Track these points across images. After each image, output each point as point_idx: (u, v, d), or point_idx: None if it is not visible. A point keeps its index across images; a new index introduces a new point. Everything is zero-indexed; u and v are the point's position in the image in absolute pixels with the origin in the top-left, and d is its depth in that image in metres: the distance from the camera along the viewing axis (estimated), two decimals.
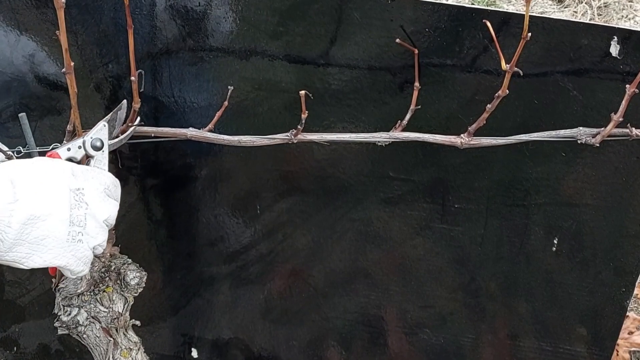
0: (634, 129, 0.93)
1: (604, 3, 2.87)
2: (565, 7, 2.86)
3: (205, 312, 1.41)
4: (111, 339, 1.12)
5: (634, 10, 2.84)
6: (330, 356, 1.46)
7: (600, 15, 2.82)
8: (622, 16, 2.82)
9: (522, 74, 0.92)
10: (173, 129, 1.06)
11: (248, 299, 1.39)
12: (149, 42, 1.10)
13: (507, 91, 0.90)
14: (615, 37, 0.96)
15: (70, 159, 0.90)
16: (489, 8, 0.99)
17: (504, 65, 0.88)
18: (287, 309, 1.40)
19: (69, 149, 0.89)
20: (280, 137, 1.01)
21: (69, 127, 1.01)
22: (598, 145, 0.93)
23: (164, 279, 1.36)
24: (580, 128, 0.93)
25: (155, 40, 1.10)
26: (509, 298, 1.33)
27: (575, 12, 2.84)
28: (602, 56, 0.98)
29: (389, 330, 1.41)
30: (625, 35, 0.96)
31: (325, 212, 1.26)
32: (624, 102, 0.89)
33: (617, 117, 0.90)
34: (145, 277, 1.12)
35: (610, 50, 0.97)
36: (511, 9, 2.82)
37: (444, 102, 1.09)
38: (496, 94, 0.92)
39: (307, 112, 0.95)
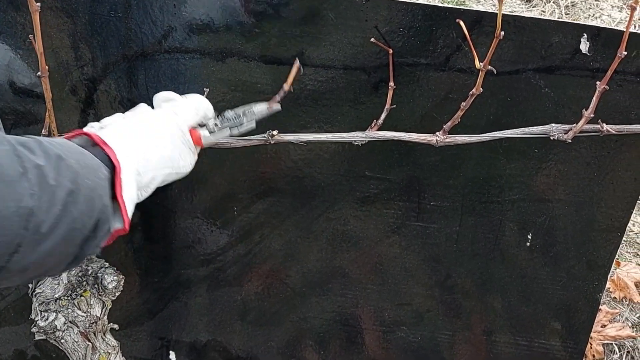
0: (605, 124, 0.95)
1: (571, 2, 2.91)
2: (533, 7, 2.90)
3: (182, 315, 1.41)
4: (89, 343, 1.11)
5: (600, 9, 2.89)
6: (308, 356, 1.46)
7: (568, 14, 2.87)
8: (589, 15, 2.87)
9: (495, 72, 0.93)
10: None
11: (225, 301, 1.39)
12: (125, 44, 1.10)
13: (481, 89, 0.92)
14: (585, 35, 0.98)
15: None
16: (461, 7, 1.01)
17: (477, 64, 0.89)
18: (265, 310, 1.40)
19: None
20: (257, 139, 1.01)
21: (44, 132, 1.00)
22: (570, 141, 0.94)
23: (142, 282, 1.35)
24: (553, 125, 0.95)
25: (130, 42, 1.09)
26: (485, 294, 1.35)
27: (544, 11, 2.88)
28: (572, 53, 1.00)
29: (366, 328, 1.41)
30: (595, 33, 0.98)
31: (302, 212, 1.27)
32: (594, 98, 0.90)
33: (588, 113, 0.92)
34: (123, 281, 1.11)
35: (580, 48, 0.99)
36: (480, 8, 2.85)
37: (418, 101, 1.10)
38: (470, 92, 0.93)
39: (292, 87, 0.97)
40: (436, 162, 1.19)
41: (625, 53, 0.85)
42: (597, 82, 0.89)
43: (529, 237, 1.25)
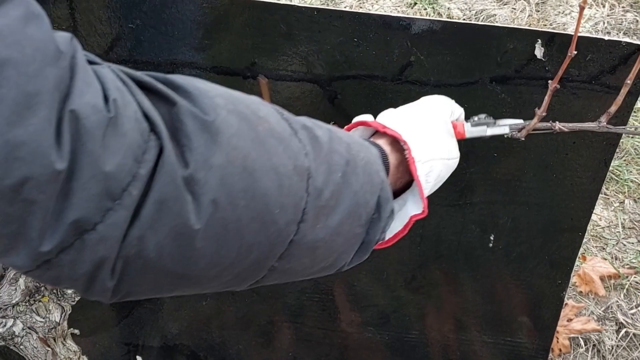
0: (557, 122, 0.96)
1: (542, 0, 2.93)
2: (504, 4, 2.91)
3: (149, 320, 1.40)
4: (49, 349, 1.10)
5: (570, 6, 2.92)
6: (277, 357, 1.47)
7: (538, 11, 2.89)
8: (559, 12, 2.89)
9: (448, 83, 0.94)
10: None
11: (191, 305, 1.39)
12: None
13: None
14: (539, 40, 0.99)
15: None
16: (415, 17, 1.01)
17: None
18: (232, 314, 1.40)
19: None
20: None
21: None
22: (524, 139, 0.95)
23: None
24: None
25: None
26: (450, 294, 1.36)
27: (514, 8, 2.89)
28: (527, 59, 1.01)
29: (333, 330, 1.42)
30: (549, 38, 0.99)
31: None
32: (546, 97, 0.91)
33: (540, 111, 0.93)
34: None
35: (535, 53, 1.00)
36: (452, 6, 2.86)
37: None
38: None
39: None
40: None
41: (576, 52, 0.86)
42: (549, 82, 0.90)
43: (492, 238, 1.26)
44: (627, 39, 1.01)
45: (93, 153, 0.43)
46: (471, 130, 0.91)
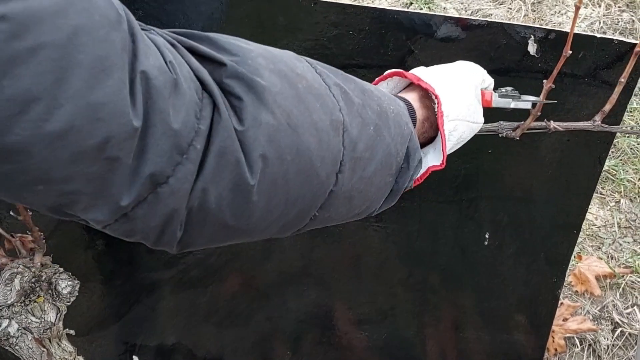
0: (552, 122, 0.96)
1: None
2: (500, 4, 2.92)
3: (147, 319, 1.40)
4: (44, 349, 1.10)
5: (566, 5, 2.92)
6: (275, 356, 1.46)
7: (534, 11, 2.89)
8: (555, 12, 2.90)
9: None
10: None
11: (190, 304, 1.38)
12: None
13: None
14: (532, 36, 0.99)
15: None
16: (410, 10, 1.01)
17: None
18: (230, 312, 1.40)
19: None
20: None
21: None
22: (518, 138, 0.95)
23: (103, 287, 1.34)
24: (501, 122, 0.96)
25: None
26: (447, 291, 1.36)
27: (510, 8, 2.90)
28: (521, 55, 1.01)
29: (332, 328, 1.42)
30: (542, 34, 0.99)
31: None
32: (541, 96, 0.91)
33: (535, 111, 0.93)
34: (79, 286, 1.11)
35: (528, 49, 1.00)
36: (448, 6, 2.86)
37: None
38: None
39: None
40: None
41: (571, 52, 0.86)
42: (544, 81, 0.90)
43: (487, 235, 1.26)
44: (624, 39, 1.01)
45: (163, 111, 0.45)
46: (497, 101, 0.91)
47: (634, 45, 0.97)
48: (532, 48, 0.99)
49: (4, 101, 0.38)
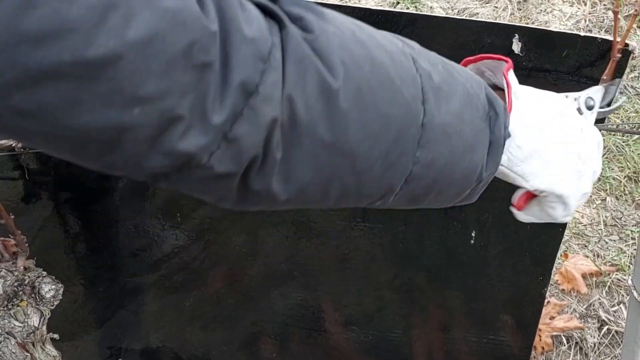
0: None
1: None
2: (486, 3, 2.93)
3: (131, 323, 1.39)
4: (28, 354, 1.09)
5: (552, 4, 2.94)
6: (261, 358, 1.46)
7: (520, 10, 2.91)
8: (541, 10, 2.91)
9: None
10: None
11: (174, 308, 1.38)
12: None
13: None
14: (517, 35, 0.99)
15: None
16: (395, 10, 1.01)
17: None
18: (215, 315, 1.39)
19: (566, 96, 0.82)
20: None
21: None
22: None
23: (86, 292, 1.33)
24: None
25: None
26: (433, 292, 1.36)
27: (497, 7, 2.91)
28: (505, 54, 1.01)
29: (318, 329, 1.42)
30: (526, 33, 0.99)
31: (247, 218, 1.26)
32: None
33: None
34: (62, 290, 1.10)
35: (513, 48, 1.00)
36: (435, 5, 2.87)
37: None
38: None
39: None
40: None
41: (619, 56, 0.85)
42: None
43: (473, 234, 1.26)
44: (608, 37, 1.01)
45: (235, 19, 0.45)
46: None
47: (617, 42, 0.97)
48: (516, 47, 0.99)
49: (85, 9, 0.37)
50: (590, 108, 0.82)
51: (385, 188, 0.56)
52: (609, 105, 0.86)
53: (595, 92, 0.82)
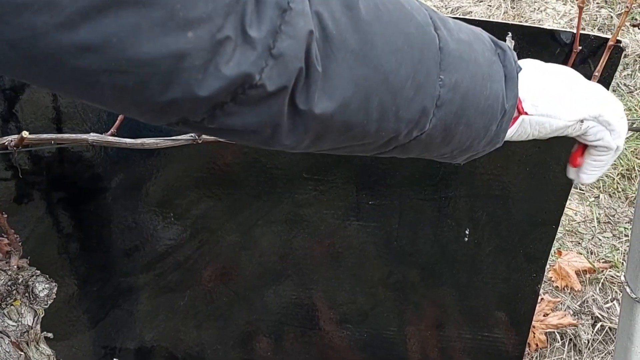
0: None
1: None
2: (480, 2, 2.93)
3: (126, 322, 1.39)
4: (22, 353, 1.09)
5: (545, 2, 2.94)
6: (255, 356, 1.46)
7: (514, 8, 2.91)
8: (534, 9, 2.91)
9: None
10: (74, 134, 1.03)
11: (169, 307, 1.38)
12: None
13: None
14: (510, 33, 0.99)
15: None
16: None
17: None
18: (209, 314, 1.39)
19: None
20: (184, 139, 1.00)
21: None
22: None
23: (80, 291, 1.33)
24: None
25: None
26: (427, 289, 1.36)
27: (490, 5, 2.91)
28: None
29: (313, 328, 1.42)
30: (519, 31, 1.00)
31: (240, 217, 1.26)
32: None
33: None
34: (56, 288, 1.10)
35: None
36: (428, 4, 2.87)
37: None
38: None
39: None
40: (372, 163, 1.19)
41: (580, 48, 0.86)
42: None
43: (467, 232, 1.27)
44: (601, 34, 1.02)
45: None
46: None
47: (607, 40, 0.97)
48: (510, 45, 0.99)
49: None
50: None
51: (420, 110, 0.58)
52: None
53: None
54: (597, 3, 2.85)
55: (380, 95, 0.55)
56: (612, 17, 2.77)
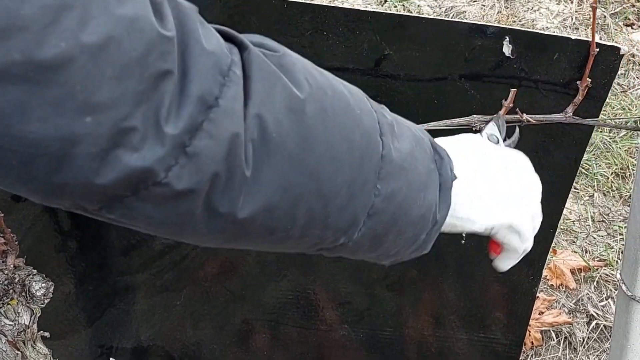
0: (524, 114, 0.97)
1: None
2: (474, 1, 2.93)
3: (122, 321, 1.39)
4: (19, 352, 1.09)
5: (539, 2, 2.95)
6: (252, 356, 1.46)
7: (507, 7, 2.91)
8: (528, 8, 2.92)
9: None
10: None
11: (165, 306, 1.38)
12: None
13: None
14: (507, 37, 0.99)
15: None
16: (384, 11, 1.01)
17: None
18: (206, 313, 1.39)
19: (481, 135, 0.84)
20: None
21: None
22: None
23: (77, 290, 1.33)
24: (474, 116, 0.96)
25: None
26: (423, 291, 1.36)
27: (484, 5, 2.92)
28: (496, 56, 1.02)
29: (309, 327, 1.42)
30: (517, 35, 1.00)
31: None
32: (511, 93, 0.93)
33: (507, 103, 0.94)
34: (53, 288, 1.09)
35: (504, 50, 1.00)
36: (422, 3, 2.87)
37: None
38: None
39: None
40: None
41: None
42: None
43: (463, 235, 1.27)
44: (597, 40, 1.02)
45: (195, 32, 0.44)
46: None
47: (606, 46, 0.98)
48: (507, 49, 1.00)
49: (38, 8, 0.36)
50: (496, 142, 0.83)
51: (350, 219, 0.56)
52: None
53: (491, 128, 0.86)
54: (590, 3, 2.86)
55: (310, 202, 0.53)
56: (605, 16, 2.78)
